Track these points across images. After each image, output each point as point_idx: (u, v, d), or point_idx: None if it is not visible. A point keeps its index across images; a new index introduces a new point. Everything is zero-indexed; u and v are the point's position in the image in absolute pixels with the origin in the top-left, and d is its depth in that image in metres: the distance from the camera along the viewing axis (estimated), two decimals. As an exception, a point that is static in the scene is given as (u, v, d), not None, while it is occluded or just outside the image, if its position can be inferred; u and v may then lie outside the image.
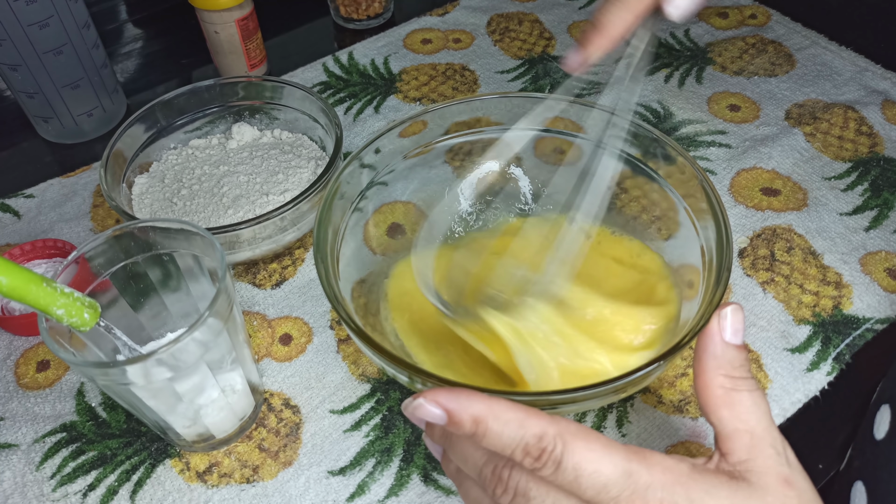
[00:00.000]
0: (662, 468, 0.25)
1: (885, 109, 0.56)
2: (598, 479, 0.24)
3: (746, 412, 0.26)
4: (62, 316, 0.30)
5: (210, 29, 0.57)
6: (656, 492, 0.24)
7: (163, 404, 0.34)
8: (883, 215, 0.49)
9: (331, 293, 0.36)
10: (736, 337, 0.28)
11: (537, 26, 0.67)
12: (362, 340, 0.34)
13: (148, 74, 0.65)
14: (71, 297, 0.31)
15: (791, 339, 0.43)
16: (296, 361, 0.43)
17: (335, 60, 0.63)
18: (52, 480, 0.38)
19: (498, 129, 0.46)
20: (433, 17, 0.68)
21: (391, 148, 0.44)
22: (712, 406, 0.27)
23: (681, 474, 0.25)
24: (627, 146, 0.43)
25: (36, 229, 0.51)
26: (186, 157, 0.51)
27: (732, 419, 0.26)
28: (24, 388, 0.42)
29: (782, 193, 0.51)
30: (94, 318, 0.32)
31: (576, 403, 0.33)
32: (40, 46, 0.51)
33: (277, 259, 0.48)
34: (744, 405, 0.26)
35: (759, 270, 0.46)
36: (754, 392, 0.27)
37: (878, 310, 0.44)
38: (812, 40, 0.63)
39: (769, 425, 0.26)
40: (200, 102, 0.52)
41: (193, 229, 0.35)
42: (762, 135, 0.55)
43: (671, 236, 0.42)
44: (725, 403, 0.26)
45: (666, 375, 0.41)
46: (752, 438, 0.26)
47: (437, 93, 0.60)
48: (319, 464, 0.39)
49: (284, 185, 0.48)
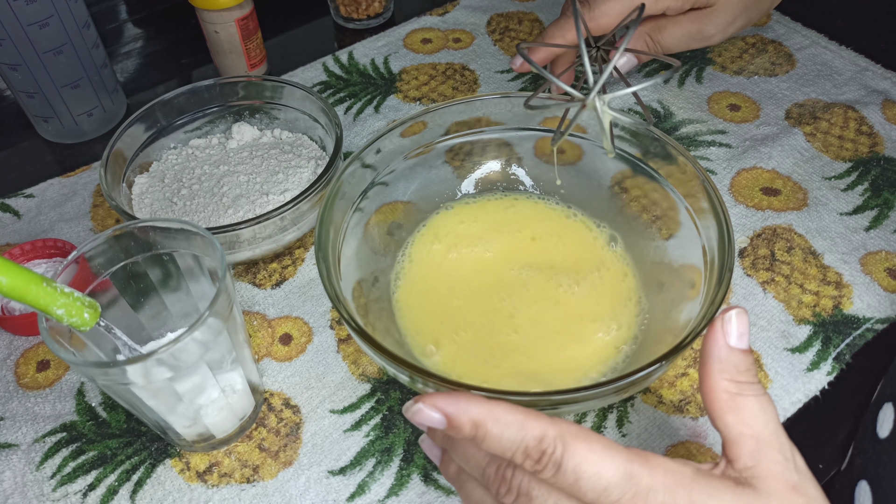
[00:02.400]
0: (664, 470, 0.24)
1: (886, 109, 0.56)
2: (599, 481, 0.24)
3: (752, 417, 0.26)
4: (62, 316, 0.30)
5: (210, 29, 0.57)
6: (658, 494, 0.24)
7: (163, 404, 0.34)
8: (883, 215, 0.49)
9: (332, 293, 0.36)
10: (741, 341, 0.27)
11: (537, 26, 0.67)
12: (363, 340, 0.34)
13: (148, 74, 0.65)
14: (71, 297, 0.31)
15: (791, 339, 0.43)
16: (296, 361, 0.43)
17: (335, 60, 0.63)
18: (52, 480, 0.38)
19: (498, 129, 0.46)
20: (433, 16, 0.68)
21: (392, 148, 0.44)
22: (718, 411, 0.26)
23: (683, 476, 0.24)
24: (627, 145, 0.43)
25: (36, 229, 0.51)
26: (186, 157, 0.51)
27: (738, 424, 0.26)
28: (24, 388, 0.42)
29: (782, 193, 0.51)
30: (94, 318, 0.32)
31: (576, 404, 0.33)
32: (40, 46, 0.51)
33: (277, 259, 0.48)
34: (749, 410, 0.26)
35: (759, 270, 0.46)
36: (760, 397, 0.26)
37: (879, 310, 0.44)
38: (812, 40, 0.63)
39: (776, 430, 0.26)
40: (200, 102, 0.52)
41: (193, 229, 0.35)
42: (762, 134, 0.55)
43: (672, 236, 0.42)
44: (731, 408, 0.26)
45: (666, 375, 0.41)
46: (757, 443, 0.25)
47: (437, 93, 0.60)
48: (320, 463, 0.39)
49: (284, 184, 0.48)
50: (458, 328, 0.42)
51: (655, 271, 0.43)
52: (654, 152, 0.42)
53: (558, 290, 0.43)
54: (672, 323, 0.39)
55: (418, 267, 0.45)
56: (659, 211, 0.43)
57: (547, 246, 0.45)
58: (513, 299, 0.43)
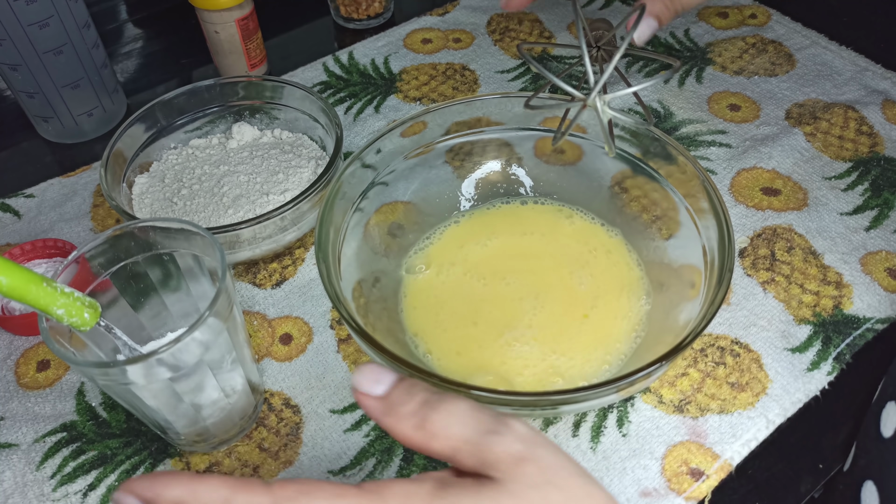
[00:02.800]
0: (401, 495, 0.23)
1: (886, 109, 0.56)
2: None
3: (447, 429, 0.24)
4: (62, 316, 0.30)
5: (210, 29, 0.57)
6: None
7: (163, 404, 0.34)
8: (883, 215, 0.49)
9: (332, 293, 0.36)
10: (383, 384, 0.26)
11: (537, 26, 0.67)
12: (363, 340, 0.34)
13: (148, 74, 0.65)
14: (71, 297, 0.31)
15: (791, 339, 0.43)
16: (296, 361, 0.43)
17: (335, 60, 0.63)
18: (52, 480, 0.38)
19: (498, 129, 0.46)
20: (433, 16, 0.68)
21: (392, 148, 0.44)
22: (424, 448, 0.25)
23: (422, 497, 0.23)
24: (627, 145, 0.43)
25: (36, 229, 0.51)
26: (186, 157, 0.51)
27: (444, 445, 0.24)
28: (25, 388, 0.42)
29: (782, 193, 0.51)
30: (95, 318, 0.32)
31: (576, 403, 0.33)
32: (40, 46, 0.51)
33: (277, 259, 0.48)
34: (441, 426, 0.25)
35: (759, 270, 0.46)
36: (438, 405, 0.25)
37: (879, 309, 0.44)
38: (812, 40, 0.63)
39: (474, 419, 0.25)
40: (200, 102, 0.52)
41: (194, 229, 0.35)
42: (762, 134, 0.55)
43: (672, 236, 0.42)
44: (429, 438, 0.25)
45: (666, 375, 0.41)
46: (466, 444, 0.24)
47: (437, 93, 0.60)
48: (320, 464, 0.39)
49: (284, 184, 0.48)
50: (458, 328, 0.42)
51: (655, 271, 0.43)
52: (654, 152, 0.42)
53: (561, 291, 0.43)
54: (672, 323, 0.39)
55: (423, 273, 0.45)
56: (659, 211, 0.43)
57: (547, 246, 0.45)
58: (514, 299, 0.43)
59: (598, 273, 0.44)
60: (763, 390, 0.40)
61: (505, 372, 0.40)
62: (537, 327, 0.41)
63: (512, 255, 0.45)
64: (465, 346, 0.41)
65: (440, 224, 0.47)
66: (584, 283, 0.43)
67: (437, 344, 0.41)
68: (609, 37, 0.46)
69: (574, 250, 0.45)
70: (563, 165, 0.47)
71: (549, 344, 0.41)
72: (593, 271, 0.44)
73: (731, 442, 0.39)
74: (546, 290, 0.43)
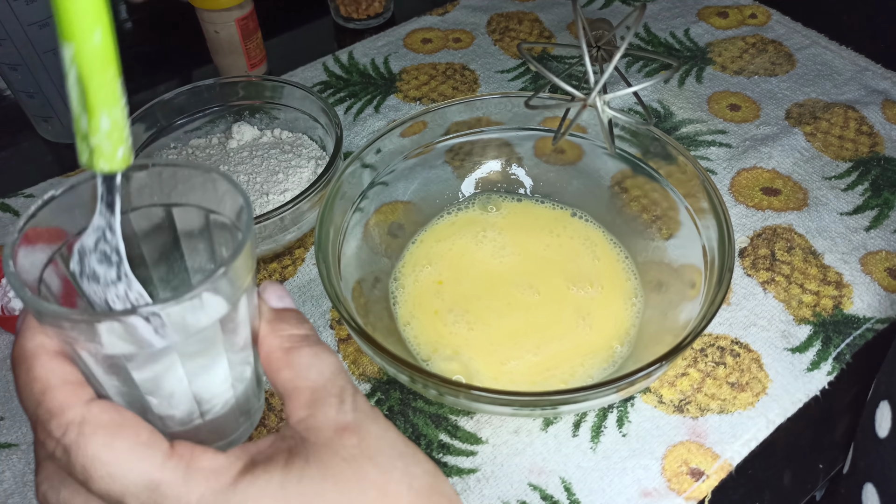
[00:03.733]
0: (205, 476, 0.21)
1: (886, 109, 0.56)
2: (113, 486, 0.20)
3: (306, 368, 0.24)
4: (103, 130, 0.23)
5: (210, 29, 0.57)
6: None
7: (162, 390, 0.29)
8: (883, 215, 0.49)
9: (332, 293, 0.36)
10: (283, 301, 0.26)
11: (537, 26, 0.67)
12: (363, 340, 0.34)
13: (148, 74, 0.65)
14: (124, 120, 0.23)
15: (791, 339, 0.43)
16: (296, 361, 0.43)
17: (335, 60, 0.63)
18: (52, 480, 0.38)
19: (498, 129, 0.46)
20: (433, 16, 0.68)
21: (392, 148, 0.44)
22: (275, 371, 0.25)
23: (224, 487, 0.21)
24: (627, 144, 0.43)
25: (36, 229, 0.51)
26: (186, 157, 0.51)
27: (294, 379, 0.24)
28: (24, 388, 0.42)
29: (783, 193, 0.51)
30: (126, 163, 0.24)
31: (576, 403, 0.33)
32: (40, 46, 0.51)
33: (277, 259, 0.48)
34: (304, 363, 0.24)
35: (759, 270, 0.46)
36: (315, 346, 0.25)
37: (879, 309, 0.44)
38: (812, 40, 0.63)
39: (333, 376, 0.24)
40: (200, 102, 0.52)
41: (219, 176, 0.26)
42: (762, 134, 0.55)
43: (672, 236, 0.42)
44: (286, 364, 0.24)
45: (666, 375, 0.41)
46: (312, 393, 0.24)
47: (437, 92, 0.60)
48: (320, 464, 0.39)
49: (284, 184, 0.48)
50: (458, 327, 0.42)
51: (655, 271, 0.43)
52: (654, 152, 0.42)
53: (562, 292, 0.43)
54: (672, 323, 0.39)
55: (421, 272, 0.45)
56: (659, 211, 0.43)
57: (547, 246, 0.45)
58: (514, 299, 0.43)
59: (597, 273, 0.44)
60: (763, 390, 0.40)
61: (504, 372, 0.40)
62: (536, 327, 0.41)
63: (511, 255, 0.45)
64: (462, 346, 0.41)
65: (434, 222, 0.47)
66: (583, 283, 0.43)
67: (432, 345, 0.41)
68: (609, 37, 0.46)
69: (574, 250, 0.45)
70: (563, 165, 0.47)
71: (548, 344, 0.41)
72: (592, 271, 0.44)
73: (731, 442, 0.39)
74: (545, 290, 0.43)
